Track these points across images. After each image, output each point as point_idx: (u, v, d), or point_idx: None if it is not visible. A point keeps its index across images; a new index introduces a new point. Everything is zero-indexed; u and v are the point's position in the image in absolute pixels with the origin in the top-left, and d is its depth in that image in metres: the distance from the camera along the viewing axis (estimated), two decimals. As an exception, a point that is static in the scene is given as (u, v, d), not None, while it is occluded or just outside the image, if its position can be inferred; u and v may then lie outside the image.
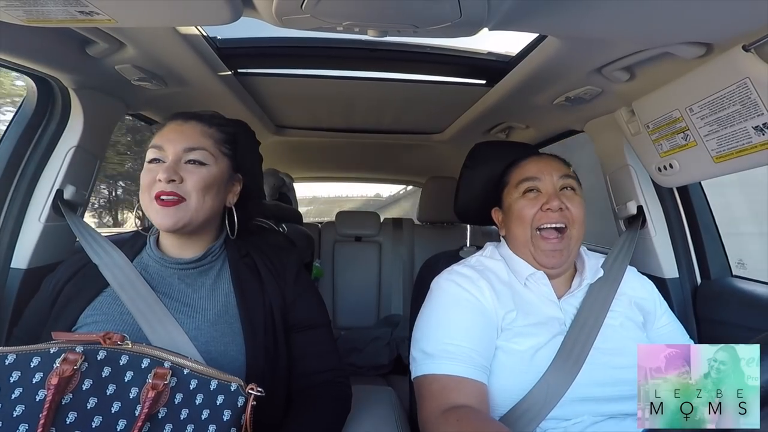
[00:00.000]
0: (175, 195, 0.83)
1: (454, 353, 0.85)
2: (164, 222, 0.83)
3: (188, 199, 0.84)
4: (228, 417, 0.68)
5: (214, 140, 0.90)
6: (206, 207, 0.87)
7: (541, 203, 0.96)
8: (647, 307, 1.01)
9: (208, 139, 0.89)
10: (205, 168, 0.86)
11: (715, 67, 0.90)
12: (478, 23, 0.79)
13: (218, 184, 0.89)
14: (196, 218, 0.86)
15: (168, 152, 0.85)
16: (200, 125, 0.90)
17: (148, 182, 0.84)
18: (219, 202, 0.91)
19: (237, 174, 0.96)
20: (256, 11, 0.80)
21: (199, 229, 0.90)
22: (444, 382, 0.84)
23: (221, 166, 0.90)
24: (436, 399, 0.83)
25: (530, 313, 0.93)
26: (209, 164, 0.87)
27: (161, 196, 0.82)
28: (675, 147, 1.09)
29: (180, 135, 0.87)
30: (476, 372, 0.84)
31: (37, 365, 0.63)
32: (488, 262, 1.03)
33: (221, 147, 0.91)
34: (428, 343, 0.89)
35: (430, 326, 0.92)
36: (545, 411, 0.83)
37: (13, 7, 0.71)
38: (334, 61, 1.41)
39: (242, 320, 0.86)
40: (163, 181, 0.82)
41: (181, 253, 0.92)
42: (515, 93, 1.39)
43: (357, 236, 2.80)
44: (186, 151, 0.86)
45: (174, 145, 0.86)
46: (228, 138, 0.93)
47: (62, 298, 0.86)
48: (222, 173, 0.90)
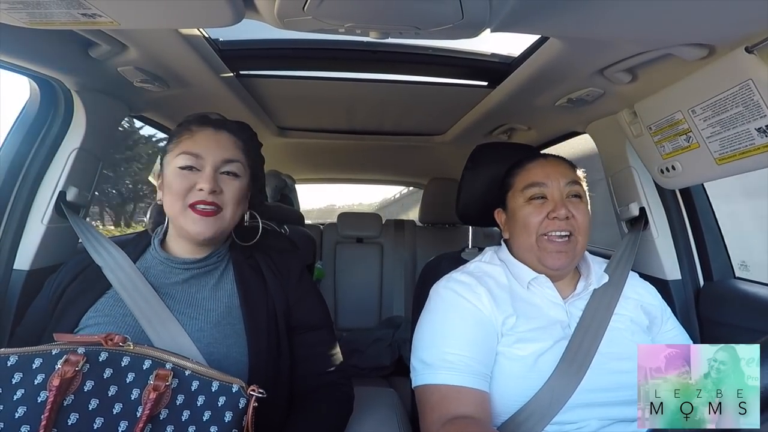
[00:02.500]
0: (215, 205, 0.85)
1: (453, 362, 0.85)
2: (203, 231, 0.84)
3: (224, 210, 0.86)
4: (229, 418, 0.68)
5: (242, 152, 0.92)
6: (237, 217, 0.90)
7: (547, 211, 0.95)
8: (654, 312, 1.00)
9: (240, 151, 0.91)
10: (238, 180, 0.89)
11: (718, 68, 0.90)
12: (480, 25, 0.79)
13: (246, 196, 0.93)
14: (228, 228, 0.90)
15: (207, 161, 0.86)
16: (232, 136, 0.92)
17: (183, 189, 0.84)
18: (243, 212, 0.95)
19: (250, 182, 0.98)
20: (258, 13, 0.80)
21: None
22: (443, 392, 0.83)
23: (247, 178, 0.93)
24: (436, 410, 0.83)
25: (532, 317, 0.92)
26: (241, 176, 0.90)
27: (199, 205, 0.84)
28: (677, 149, 1.09)
29: (217, 144, 0.88)
30: (476, 380, 0.84)
31: (39, 366, 0.64)
32: (487, 268, 1.02)
33: (247, 159, 0.93)
34: (427, 353, 0.89)
35: (428, 335, 0.92)
36: (549, 416, 0.82)
37: (16, 9, 0.72)
38: (335, 62, 1.41)
39: (245, 321, 0.86)
40: (205, 191, 0.83)
41: (185, 254, 0.92)
42: (517, 94, 1.39)
43: (358, 237, 2.80)
44: (224, 163, 0.87)
45: (213, 155, 0.86)
46: (250, 151, 0.96)
47: (65, 300, 0.87)
48: (248, 185, 0.93)
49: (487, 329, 0.90)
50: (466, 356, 0.85)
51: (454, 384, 0.83)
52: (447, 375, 0.84)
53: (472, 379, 0.83)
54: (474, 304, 0.92)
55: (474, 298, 0.93)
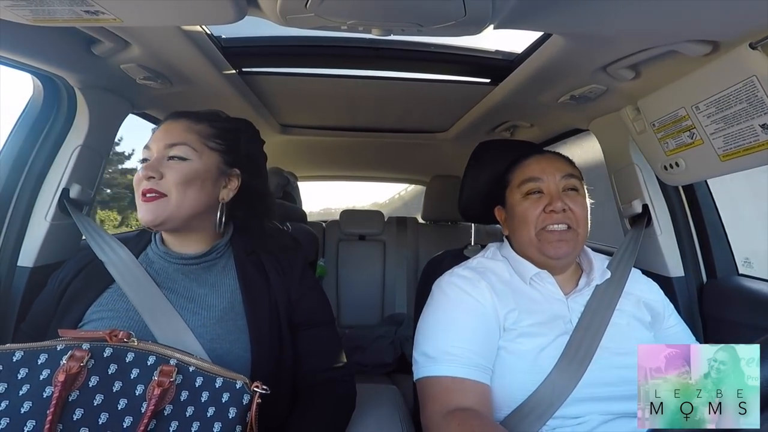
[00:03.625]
0: (153, 191, 0.83)
1: (456, 355, 0.85)
2: (145, 217, 0.84)
3: (168, 195, 0.84)
4: (233, 414, 0.68)
5: (200, 135, 0.89)
6: (188, 202, 0.86)
7: (543, 204, 0.96)
8: (656, 308, 1.00)
9: (192, 134, 0.89)
10: (186, 163, 0.86)
11: (722, 65, 0.90)
12: (483, 22, 0.79)
13: (203, 179, 0.88)
14: (178, 213, 0.85)
15: (153, 150, 0.87)
16: (188, 122, 0.90)
17: (136, 181, 0.86)
18: (206, 196, 0.89)
19: (233, 169, 0.94)
20: (261, 10, 0.80)
21: (189, 225, 0.89)
22: (446, 384, 0.84)
23: (207, 161, 0.89)
24: (438, 401, 0.83)
25: (534, 312, 0.93)
26: (191, 159, 0.87)
27: (145, 192, 0.83)
28: (681, 145, 1.08)
29: (165, 133, 0.88)
30: (478, 373, 0.84)
31: (44, 362, 0.64)
32: (489, 263, 1.03)
33: (208, 142, 0.90)
34: (429, 346, 0.89)
35: (431, 329, 0.93)
36: (551, 411, 0.83)
37: (19, 6, 0.72)
38: (338, 59, 1.41)
39: (248, 317, 0.87)
40: (143, 178, 0.83)
41: (182, 249, 0.92)
42: (520, 91, 1.38)
43: (361, 235, 2.80)
44: (167, 148, 0.86)
45: (157, 143, 0.87)
46: (219, 133, 0.92)
47: (69, 295, 0.87)
48: (207, 168, 0.89)
49: (489, 323, 0.90)
50: (468, 349, 0.86)
51: (456, 376, 0.83)
52: (449, 367, 0.84)
53: (474, 372, 0.84)
54: (476, 298, 0.92)
55: (476, 293, 0.93)
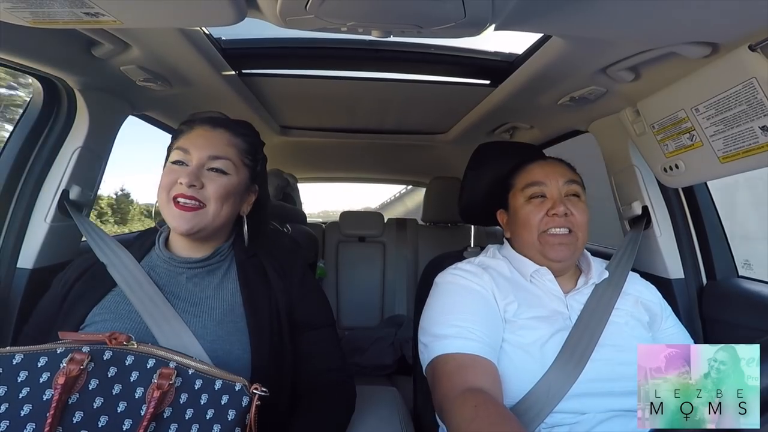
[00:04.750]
0: (194, 200, 0.84)
1: (469, 330, 0.86)
2: (181, 225, 0.84)
3: (207, 206, 0.86)
4: (233, 416, 0.68)
5: (238, 150, 0.92)
6: (223, 215, 0.88)
7: (546, 208, 0.98)
8: (654, 309, 1.01)
9: (232, 148, 0.91)
10: (226, 177, 0.88)
11: (721, 67, 0.90)
12: (483, 23, 0.79)
13: (236, 194, 0.91)
14: (212, 225, 0.88)
15: (193, 156, 0.87)
16: (228, 134, 0.92)
17: (168, 182, 0.86)
18: (234, 210, 0.93)
19: (254, 185, 0.98)
20: (261, 12, 0.80)
21: (211, 234, 0.92)
22: (459, 361, 0.83)
23: (241, 177, 0.92)
24: (452, 378, 0.81)
25: (534, 306, 0.94)
26: (231, 174, 0.89)
27: (179, 198, 0.84)
28: (681, 147, 1.08)
29: (207, 141, 0.89)
30: (489, 352, 0.84)
31: (44, 365, 0.64)
32: (490, 262, 1.05)
33: (244, 158, 0.93)
34: (439, 327, 0.89)
35: (439, 312, 0.93)
36: (550, 405, 0.83)
37: (19, 8, 0.72)
38: (338, 61, 1.41)
39: (248, 319, 0.87)
40: (184, 184, 0.83)
41: (190, 254, 0.93)
42: (519, 93, 1.39)
43: (361, 236, 2.80)
44: (211, 159, 0.87)
45: (200, 150, 0.87)
46: (251, 149, 0.95)
47: (71, 297, 0.87)
48: (240, 183, 0.92)
49: (492, 309, 0.92)
50: (478, 329, 0.86)
51: (470, 352, 0.83)
52: (463, 343, 0.84)
53: (485, 349, 0.84)
54: (481, 286, 0.95)
55: (479, 281, 0.95)
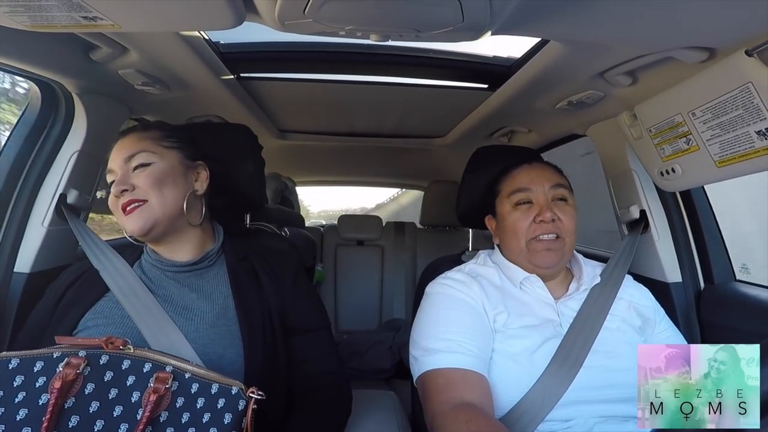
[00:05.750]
0: (134, 201, 0.85)
1: (459, 344, 0.85)
2: (133, 226, 0.85)
3: (148, 200, 0.85)
4: (229, 420, 0.68)
5: (153, 139, 0.91)
6: (169, 201, 0.87)
7: (533, 215, 0.97)
8: (647, 314, 1.01)
9: (145, 141, 0.90)
10: (151, 166, 0.88)
11: (718, 71, 0.90)
12: (481, 28, 0.79)
13: (173, 176, 0.90)
14: (164, 214, 0.87)
15: (116, 169, 0.88)
16: (135, 133, 0.92)
17: (112, 203, 0.87)
18: (181, 190, 0.91)
19: (197, 162, 0.97)
20: (259, 16, 0.80)
21: (176, 228, 0.91)
22: (449, 376, 0.83)
23: (169, 159, 0.91)
24: (442, 394, 0.82)
25: (524, 314, 0.93)
26: (154, 162, 0.88)
27: (125, 207, 0.85)
28: (677, 151, 1.09)
29: (119, 150, 0.89)
30: (479, 365, 0.84)
31: (41, 369, 0.64)
32: (480, 269, 1.04)
33: (162, 142, 0.92)
34: (429, 340, 0.89)
35: (429, 325, 0.93)
36: (542, 414, 0.83)
37: (17, 12, 0.72)
38: (336, 65, 1.41)
39: (240, 323, 0.87)
40: (117, 195, 0.85)
41: (173, 256, 0.92)
42: (517, 97, 1.39)
43: (359, 240, 2.79)
44: (128, 160, 0.88)
45: (116, 160, 0.88)
46: (168, 133, 0.95)
47: (65, 302, 0.87)
48: (172, 165, 0.91)
49: (483, 322, 0.91)
50: (468, 341, 0.86)
51: (460, 367, 0.83)
52: (453, 357, 0.84)
53: (476, 363, 0.84)
54: (470, 297, 0.94)
55: (470, 293, 0.95)
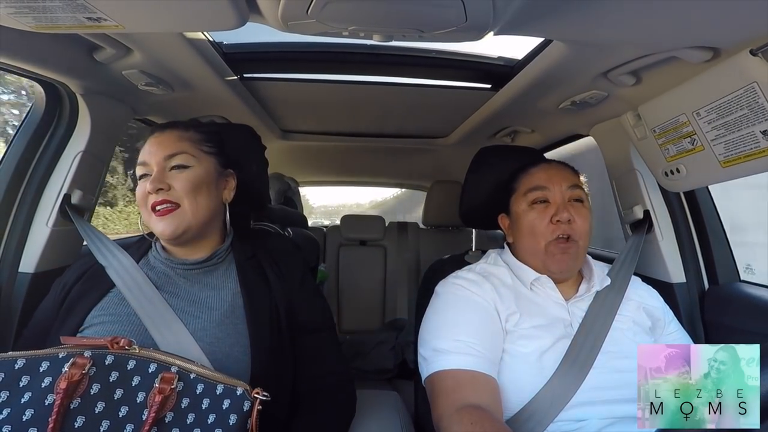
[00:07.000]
0: (167, 202, 0.85)
1: (469, 346, 0.85)
2: (165, 230, 0.85)
3: (182, 204, 0.86)
4: (234, 421, 0.68)
5: (192, 142, 0.91)
6: (201, 208, 0.88)
7: (550, 215, 0.96)
8: (656, 314, 1.00)
9: (185, 141, 0.90)
10: (189, 170, 0.88)
11: (723, 71, 0.90)
12: (484, 28, 0.79)
13: (207, 183, 0.90)
14: (196, 221, 0.87)
15: (152, 164, 0.87)
16: (176, 131, 0.92)
17: (140, 196, 0.87)
18: (214, 199, 0.92)
19: (227, 170, 0.97)
20: (262, 16, 0.80)
21: (202, 233, 0.91)
22: (458, 378, 0.83)
23: (206, 165, 0.91)
24: (450, 395, 0.82)
25: (535, 315, 0.93)
26: (193, 166, 0.88)
27: (156, 206, 0.84)
28: (682, 151, 1.08)
29: (159, 146, 0.89)
30: (489, 367, 0.84)
31: (47, 370, 0.64)
32: (492, 269, 1.03)
33: (201, 146, 0.92)
34: (439, 341, 0.89)
35: (438, 325, 0.93)
36: (552, 415, 0.82)
37: (21, 13, 0.72)
38: (339, 65, 1.41)
39: (248, 321, 0.87)
40: (152, 192, 0.84)
41: (186, 256, 0.92)
42: (520, 97, 1.39)
43: (362, 240, 2.80)
44: (167, 159, 0.87)
45: (155, 156, 0.87)
46: (207, 137, 0.95)
47: (70, 299, 0.87)
48: (208, 171, 0.91)
49: (494, 323, 0.91)
50: (478, 343, 0.86)
51: (469, 368, 0.83)
52: (462, 359, 0.84)
53: (485, 365, 0.84)
54: (482, 297, 0.94)
55: (481, 293, 0.94)
